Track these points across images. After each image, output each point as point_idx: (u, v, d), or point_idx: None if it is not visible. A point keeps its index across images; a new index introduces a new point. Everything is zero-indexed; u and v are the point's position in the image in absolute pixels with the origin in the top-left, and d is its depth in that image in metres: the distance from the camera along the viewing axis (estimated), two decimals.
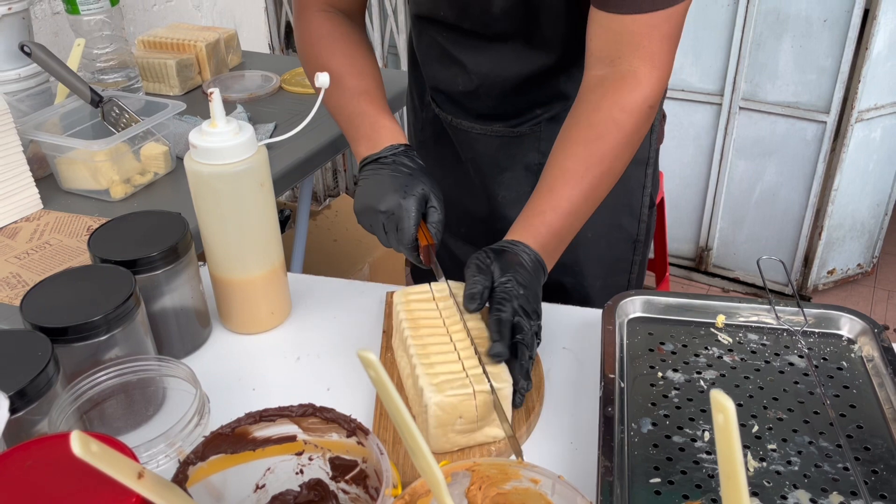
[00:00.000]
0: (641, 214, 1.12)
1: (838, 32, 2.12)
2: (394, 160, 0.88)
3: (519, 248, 0.80)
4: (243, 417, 0.60)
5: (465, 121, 1.09)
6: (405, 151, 0.90)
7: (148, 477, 0.46)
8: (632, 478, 0.66)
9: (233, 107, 1.51)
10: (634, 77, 0.83)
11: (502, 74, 1.00)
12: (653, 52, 0.83)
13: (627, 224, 1.12)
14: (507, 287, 0.77)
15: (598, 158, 0.84)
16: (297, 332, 0.93)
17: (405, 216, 0.83)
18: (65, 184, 1.27)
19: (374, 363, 0.46)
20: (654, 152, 1.10)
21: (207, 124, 0.81)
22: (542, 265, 0.81)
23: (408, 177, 0.86)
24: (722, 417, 0.38)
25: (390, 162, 0.88)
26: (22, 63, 1.34)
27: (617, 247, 1.13)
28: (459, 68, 1.02)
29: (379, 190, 0.86)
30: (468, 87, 1.04)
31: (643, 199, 1.11)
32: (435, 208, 0.87)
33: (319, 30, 1.00)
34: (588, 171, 0.84)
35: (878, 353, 0.78)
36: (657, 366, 0.78)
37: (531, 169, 1.07)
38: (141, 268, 0.81)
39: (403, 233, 0.84)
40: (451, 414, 0.70)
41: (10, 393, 0.62)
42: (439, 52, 1.04)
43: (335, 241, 2.28)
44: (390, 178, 0.86)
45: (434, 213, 0.87)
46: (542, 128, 1.04)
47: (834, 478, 0.65)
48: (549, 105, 1.02)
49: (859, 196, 2.41)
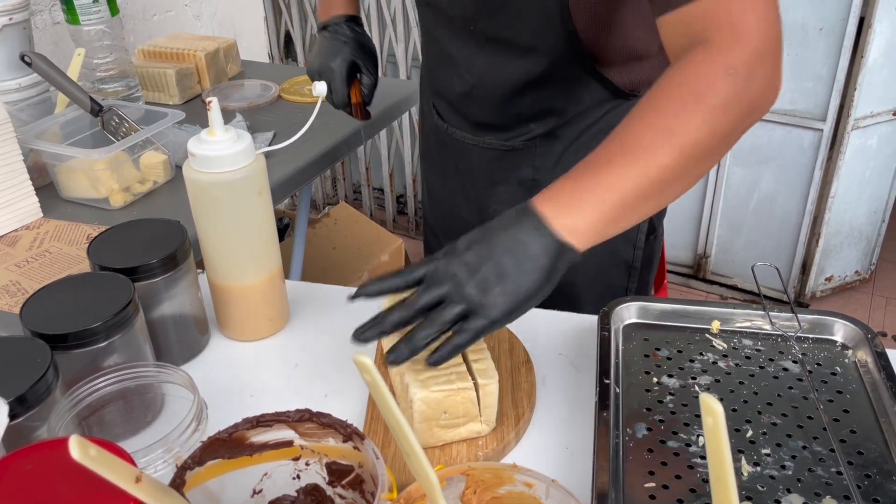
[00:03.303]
0: (638, 241, 1.08)
1: (834, 40, 2.13)
2: (335, 29, 1.07)
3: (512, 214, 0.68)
4: (240, 423, 0.60)
5: (460, 130, 1.10)
6: (347, 21, 1.07)
7: (146, 481, 0.46)
8: (626, 482, 0.66)
9: (232, 115, 1.52)
10: (706, 44, 0.68)
11: (494, 78, 1.00)
12: (732, 24, 0.67)
13: (623, 250, 1.08)
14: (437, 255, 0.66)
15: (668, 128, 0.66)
16: (295, 339, 0.94)
17: (335, 77, 1.04)
18: (64, 192, 1.27)
19: (369, 367, 0.46)
20: None
21: (206, 133, 0.82)
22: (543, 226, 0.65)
23: (342, 44, 1.05)
24: (711, 420, 0.39)
25: (332, 31, 1.08)
26: (22, 73, 1.35)
27: (610, 273, 1.10)
28: (454, 68, 1.04)
29: (319, 55, 1.07)
30: (463, 89, 1.04)
31: (640, 226, 1.07)
32: (366, 73, 1.06)
33: None
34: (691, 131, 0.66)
35: (871, 358, 0.78)
36: (652, 371, 0.79)
37: (525, 184, 1.07)
38: (140, 275, 0.82)
39: (336, 92, 1.05)
40: (435, 409, 0.71)
41: (9, 399, 0.62)
42: (437, 51, 1.06)
43: (334, 248, 2.28)
44: (328, 44, 1.07)
45: (365, 76, 1.07)
46: (536, 143, 1.04)
47: (827, 482, 0.66)
48: (543, 120, 1.02)
49: (856, 203, 2.42)
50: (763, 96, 0.69)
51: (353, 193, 3.15)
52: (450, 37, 1.02)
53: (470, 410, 0.72)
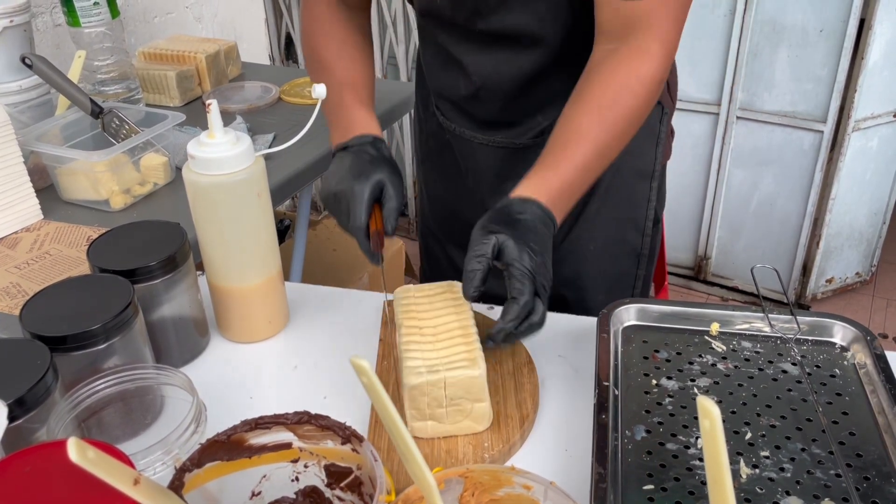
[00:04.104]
0: (646, 229, 1.11)
1: (834, 42, 2.13)
2: (359, 149, 0.92)
3: (531, 209, 0.80)
4: (239, 425, 0.61)
5: (467, 130, 1.10)
6: (372, 142, 0.93)
7: (144, 483, 0.46)
8: (625, 484, 0.66)
9: (232, 117, 1.52)
10: (648, 52, 0.86)
11: (502, 76, 1.00)
12: (663, 32, 0.85)
13: (632, 238, 1.11)
14: (525, 264, 0.75)
15: (612, 121, 0.85)
16: (295, 340, 0.94)
17: (356, 200, 0.87)
18: (65, 194, 1.28)
19: (366, 370, 0.46)
20: (661, 167, 1.10)
21: (205, 135, 0.82)
22: (553, 222, 0.81)
23: (367, 164, 0.90)
24: (708, 422, 0.39)
25: (355, 150, 0.92)
26: (23, 75, 1.35)
27: (620, 261, 1.13)
28: (460, 71, 1.04)
29: (338, 174, 0.90)
30: (469, 91, 1.04)
31: (648, 214, 1.11)
32: (391, 196, 0.89)
33: (319, 18, 1.05)
34: (603, 132, 0.85)
35: (870, 360, 0.78)
36: (651, 373, 0.79)
37: None
38: (140, 277, 0.82)
39: (354, 216, 0.86)
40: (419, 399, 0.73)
41: (9, 401, 0.62)
42: (441, 55, 1.06)
43: (334, 250, 2.29)
44: (350, 164, 0.90)
45: (389, 200, 0.89)
46: (544, 140, 1.05)
47: (826, 484, 0.66)
48: (550, 111, 1.02)
49: (857, 205, 2.42)
50: (653, 102, 0.88)
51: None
52: (454, 41, 1.02)
53: (458, 394, 0.74)
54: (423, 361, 0.75)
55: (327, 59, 1.02)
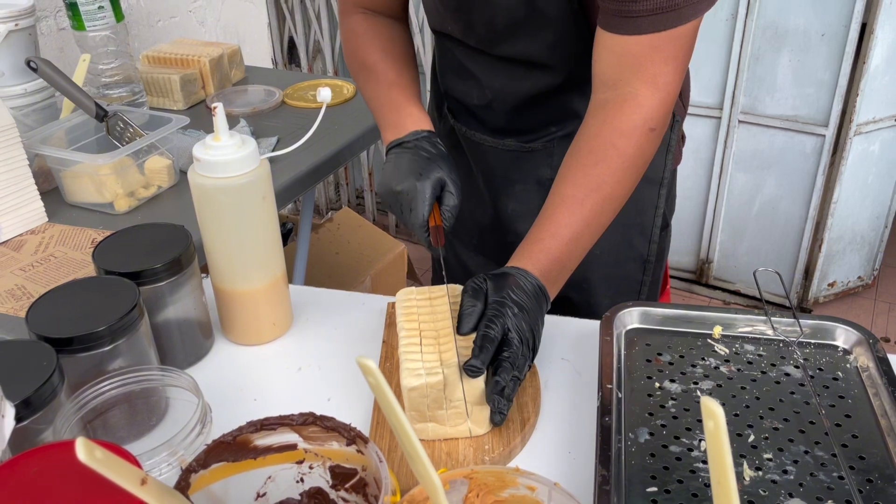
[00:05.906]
0: (653, 235, 1.11)
1: (836, 46, 2.14)
2: (415, 144, 0.92)
3: (518, 273, 0.80)
4: (245, 426, 0.61)
5: (478, 133, 1.10)
6: (428, 137, 0.93)
7: (151, 483, 0.47)
8: (628, 487, 0.66)
9: (236, 121, 1.53)
10: (635, 99, 0.84)
11: (514, 91, 1.01)
12: (655, 74, 0.83)
13: (638, 244, 1.11)
14: (500, 306, 0.76)
15: (597, 184, 0.84)
16: (299, 343, 0.94)
17: (419, 197, 0.87)
18: (70, 197, 1.28)
19: (373, 370, 0.47)
20: (670, 173, 1.09)
21: (211, 138, 0.82)
22: (542, 291, 0.81)
23: (426, 160, 0.90)
24: (712, 424, 0.39)
25: (412, 146, 0.92)
26: (28, 78, 1.36)
27: (626, 266, 1.13)
28: (474, 82, 1.04)
29: (398, 172, 0.90)
30: (482, 101, 1.05)
31: (655, 220, 1.10)
32: (451, 193, 0.89)
33: (358, 28, 1.05)
34: (587, 196, 0.84)
35: (872, 363, 0.78)
36: (654, 376, 0.79)
37: (543, 183, 1.08)
38: (145, 279, 0.82)
39: (416, 213, 0.87)
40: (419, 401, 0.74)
41: (15, 402, 0.63)
42: (456, 65, 1.07)
43: (337, 253, 2.29)
44: (409, 161, 0.90)
45: (450, 197, 0.89)
46: (554, 144, 1.05)
47: (829, 487, 0.66)
48: (563, 123, 1.03)
49: (859, 209, 2.42)
50: (650, 149, 0.87)
51: (355, 198, 3.16)
52: (467, 55, 1.03)
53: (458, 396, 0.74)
54: (422, 363, 0.75)
55: (373, 62, 1.02)
